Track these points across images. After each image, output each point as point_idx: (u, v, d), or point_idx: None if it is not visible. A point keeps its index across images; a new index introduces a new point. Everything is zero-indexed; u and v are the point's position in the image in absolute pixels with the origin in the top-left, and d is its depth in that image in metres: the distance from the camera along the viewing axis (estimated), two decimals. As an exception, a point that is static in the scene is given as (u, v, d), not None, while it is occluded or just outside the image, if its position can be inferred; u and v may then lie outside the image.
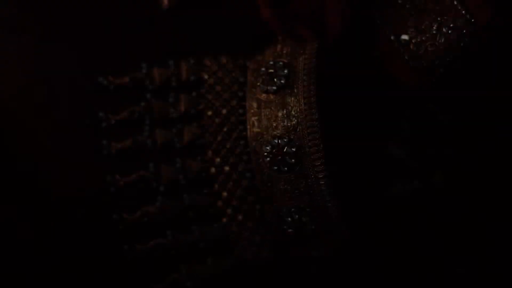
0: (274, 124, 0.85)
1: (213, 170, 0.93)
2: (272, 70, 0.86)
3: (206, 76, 0.95)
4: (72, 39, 0.96)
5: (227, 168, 0.92)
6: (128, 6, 0.96)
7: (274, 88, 0.85)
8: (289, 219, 0.86)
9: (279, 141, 0.84)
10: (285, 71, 0.86)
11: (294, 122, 0.84)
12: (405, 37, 0.91)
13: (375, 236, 0.95)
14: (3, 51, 0.96)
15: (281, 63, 0.87)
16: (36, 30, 0.96)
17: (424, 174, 0.92)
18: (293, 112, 0.84)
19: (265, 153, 0.84)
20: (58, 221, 0.95)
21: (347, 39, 0.92)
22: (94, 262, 0.95)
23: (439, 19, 0.89)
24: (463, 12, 0.87)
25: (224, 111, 0.93)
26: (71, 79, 0.95)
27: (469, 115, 0.94)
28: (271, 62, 0.87)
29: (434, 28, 0.89)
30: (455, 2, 0.87)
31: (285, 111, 0.84)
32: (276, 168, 0.84)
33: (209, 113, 0.93)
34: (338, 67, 0.93)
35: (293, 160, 0.83)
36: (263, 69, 0.87)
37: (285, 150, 0.83)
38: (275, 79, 0.85)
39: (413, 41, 0.90)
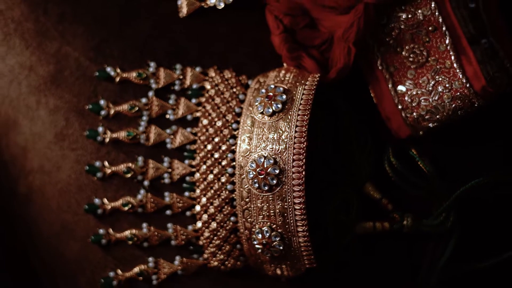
0: (264, 145, 0.87)
1: (197, 175, 0.95)
2: (271, 94, 0.89)
3: (208, 86, 0.97)
4: (89, 25, 0.98)
5: (211, 176, 0.94)
6: (149, 7, 0.98)
7: (270, 111, 0.88)
8: (260, 236, 0.88)
9: (265, 161, 0.86)
10: (284, 96, 0.88)
11: (282, 147, 0.86)
12: (401, 87, 0.93)
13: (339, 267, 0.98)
14: (21, 26, 0.99)
15: (281, 88, 0.89)
16: (57, 11, 0.99)
17: (395, 217, 0.95)
18: (283, 137, 0.87)
19: (250, 170, 0.87)
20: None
21: (348, 76, 0.94)
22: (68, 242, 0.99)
23: (437, 77, 0.91)
24: (460, 76, 0.90)
25: (219, 123, 0.95)
26: (80, 63, 0.98)
27: (449, 168, 0.97)
28: (272, 86, 0.90)
29: (430, 84, 0.92)
30: (455, 65, 0.90)
31: (276, 135, 0.87)
32: (257, 185, 0.87)
33: (205, 122, 0.96)
34: (335, 100, 0.96)
35: (274, 181, 0.86)
36: (263, 90, 0.90)
37: (268, 170, 0.86)
38: (272, 103, 0.88)
39: (408, 92, 0.93)
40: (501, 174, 0.95)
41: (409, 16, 0.91)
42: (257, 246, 0.89)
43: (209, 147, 0.95)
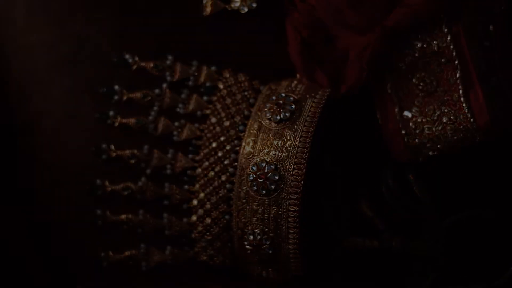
0: (267, 150, 0.89)
1: (198, 171, 0.97)
2: (281, 102, 0.91)
3: (221, 86, 0.99)
4: (114, 11, 1.00)
5: (212, 173, 0.96)
6: (174, 1, 1.00)
7: (278, 118, 0.90)
8: (251, 237, 0.90)
9: (266, 166, 0.89)
10: (293, 106, 0.90)
11: (285, 154, 0.89)
12: (407, 113, 0.95)
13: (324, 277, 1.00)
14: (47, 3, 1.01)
15: (291, 98, 0.91)
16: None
17: (385, 237, 0.96)
18: (287, 145, 0.89)
19: (250, 172, 0.89)
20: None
21: (357, 94, 0.96)
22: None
23: (443, 108, 0.93)
24: (466, 110, 0.91)
25: (226, 123, 0.97)
26: (100, 47, 0.99)
27: (444, 195, 0.99)
28: (283, 94, 0.92)
29: (436, 114, 0.94)
30: (462, 99, 0.92)
31: (280, 142, 0.89)
32: (255, 188, 0.89)
33: (213, 120, 0.98)
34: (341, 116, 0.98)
35: (273, 187, 0.88)
36: (273, 97, 0.92)
37: (268, 175, 0.88)
38: (281, 111, 0.90)
39: (413, 119, 0.95)
40: (494, 208, 0.97)
41: (424, 45, 0.93)
42: (247, 247, 0.91)
43: (214, 145, 0.97)
